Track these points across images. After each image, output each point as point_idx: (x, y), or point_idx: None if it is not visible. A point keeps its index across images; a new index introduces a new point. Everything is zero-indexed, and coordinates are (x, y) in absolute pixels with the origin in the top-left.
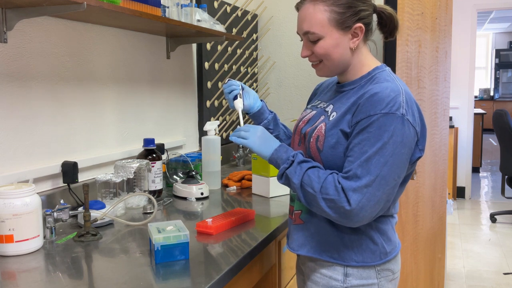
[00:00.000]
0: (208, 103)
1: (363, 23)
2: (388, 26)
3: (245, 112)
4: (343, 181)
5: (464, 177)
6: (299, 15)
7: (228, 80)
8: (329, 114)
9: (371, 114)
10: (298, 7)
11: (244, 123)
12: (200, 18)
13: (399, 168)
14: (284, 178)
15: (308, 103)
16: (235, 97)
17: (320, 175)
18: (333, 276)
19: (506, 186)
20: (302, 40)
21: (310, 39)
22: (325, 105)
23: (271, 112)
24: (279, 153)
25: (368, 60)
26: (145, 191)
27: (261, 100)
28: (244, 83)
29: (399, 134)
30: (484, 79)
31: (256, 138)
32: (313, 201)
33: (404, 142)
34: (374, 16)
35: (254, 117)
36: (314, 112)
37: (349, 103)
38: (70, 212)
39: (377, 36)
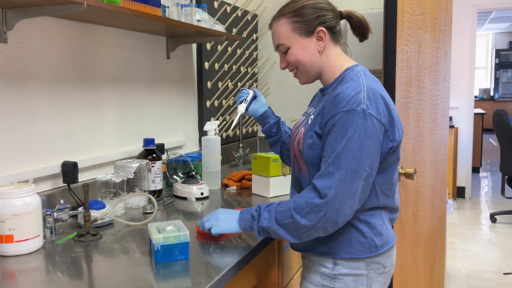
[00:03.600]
0: (208, 103)
1: (325, 26)
2: (358, 29)
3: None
4: (318, 182)
5: (464, 177)
6: (271, 35)
7: (242, 89)
8: (309, 118)
9: (334, 114)
10: (270, 27)
11: (245, 126)
12: (200, 18)
13: (368, 159)
14: (262, 233)
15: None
16: (241, 102)
17: (287, 203)
18: (323, 263)
19: (506, 186)
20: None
21: (282, 51)
22: (311, 111)
23: (277, 117)
24: (243, 220)
25: (340, 61)
26: (145, 191)
27: (269, 107)
28: (244, 83)
29: (362, 128)
30: (484, 79)
31: (218, 222)
32: (296, 229)
33: (368, 135)
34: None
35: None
36: (304, 117)
37: (321, 106)
38: (70, 212)
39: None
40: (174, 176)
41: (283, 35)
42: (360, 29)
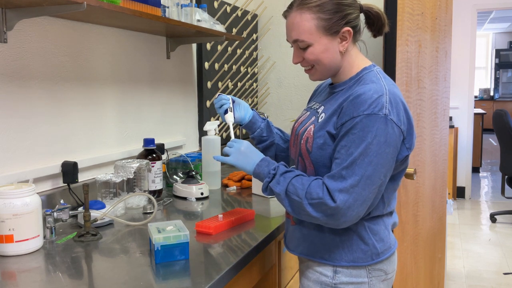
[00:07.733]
0: (208, 103)
1: (351, 26)
2: (376, 25)
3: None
4: (329, 182)
5: (464, 177)
6: (287, 24)
7: (219, 94)
8: (319, 115)
9: (354, 116)
10: (285, 15)
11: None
12: (200, 18)
13: (384, 167)
14: (268, 191)
15: (307, 104)
16: (226, 111)
17: (304, 182)
18: (323, 272)
19: (506, 186)
20: (292, 47)
21: (300, 46)
22: (318, 107)
23: (264, 119)
24: (260, 168)
25: (357, 60)
26: (145, 191)
27: (252, 109)
28: (244, 83)
29: (383, 134)
30: (484, 79)
31: (238, 154)
32: (299, 208)
33: (388, 142)
34: (362, 16)
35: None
36: (308, 113)
37: (336, 105)
38: (70, 212)
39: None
40: (174, 176)
41: (306, 31)
42: (378, 24)
